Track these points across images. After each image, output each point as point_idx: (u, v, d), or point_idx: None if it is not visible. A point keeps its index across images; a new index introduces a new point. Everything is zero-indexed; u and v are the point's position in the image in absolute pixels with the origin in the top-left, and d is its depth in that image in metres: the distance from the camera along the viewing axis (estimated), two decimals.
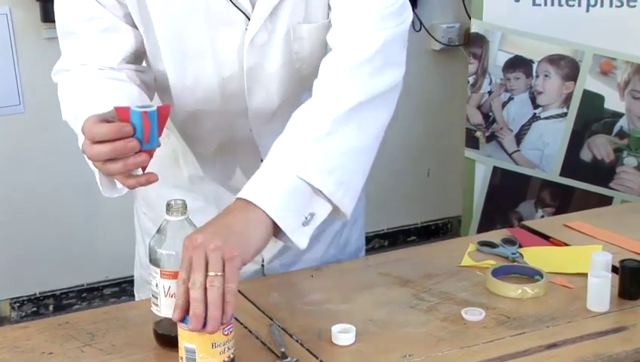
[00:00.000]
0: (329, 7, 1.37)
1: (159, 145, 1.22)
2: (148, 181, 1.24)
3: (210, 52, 1.37)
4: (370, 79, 1.29)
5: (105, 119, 1.21)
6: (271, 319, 1.35)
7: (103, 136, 1.19)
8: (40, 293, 3.24)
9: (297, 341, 1.29)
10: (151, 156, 1.22)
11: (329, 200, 1.25)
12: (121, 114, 1.20)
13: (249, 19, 1.34)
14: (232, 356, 1.18)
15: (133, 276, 1.80)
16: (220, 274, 1.12)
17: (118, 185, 1.30)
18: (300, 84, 1.43)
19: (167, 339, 1.26)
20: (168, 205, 1.22)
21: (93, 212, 3.20)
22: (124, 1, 1.36)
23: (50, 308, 3.26)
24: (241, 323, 1.35)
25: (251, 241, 1.17)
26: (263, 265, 1.62)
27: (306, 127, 1.25)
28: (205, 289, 1.11)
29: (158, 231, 1.24)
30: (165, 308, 1.23)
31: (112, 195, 1.33)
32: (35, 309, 3.24)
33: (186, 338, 1.15)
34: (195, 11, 1.34)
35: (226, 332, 1.16)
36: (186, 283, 1.12)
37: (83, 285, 3.29)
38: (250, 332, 1.32)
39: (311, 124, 1.25)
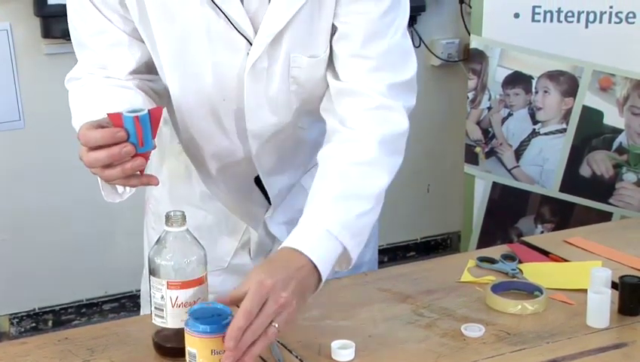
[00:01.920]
0: (328, 44, 1.38)
1: (155, 147, 1.24)
2: (149, 182, 1.28)
3: (210, 75, 1.39)
4: (395, 157, 1.39)
5: (99, 125, 1.23)
6: None
7: (96, 141, 1.21)
8: (39, 309, 3.23)
9: (297, 356, 1.29)
10: (147, 159, 1.24)
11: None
12: (114, 119, 1.21)
13: (251, 44, 1.36)
14: None
15: (132, 291, 1.80)
16: (276, 326, 1.19)
17: (119, 189, 1.32)
18: (297, 107, 1.45)
19: (168, 350, 1.27)
20: (167, 216, 1.24)
21: (92, 228, 3.20)
22: (129, 17, 1.38)
23: (50, 323, 3.25)
24: None
25: (307, 294, 1.26)
26: None
27: (354, 199, 1.33)
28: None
29: (158, 241, 1.26)
30: (172, 319, 1.24)
31: (115, 200, 1.35)
32: (34, 325, 3.23)
33: (189, 343, 1.19)
34: (198, 35, 1.35)
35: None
36: (250, 316, 1.16)
37: (82, 301, 3.28)
38: None
39: (358, 197, 1.33)
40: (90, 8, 1.38)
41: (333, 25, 1.38)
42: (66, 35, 2.85)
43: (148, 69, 1.44)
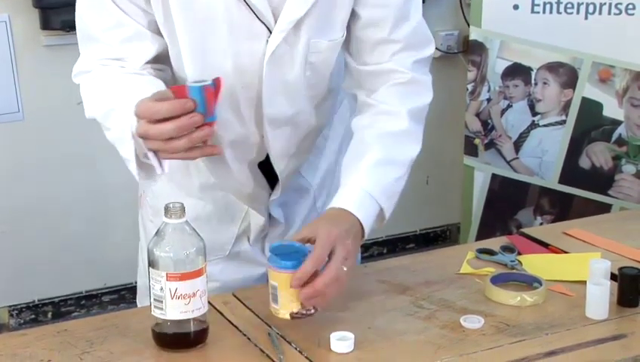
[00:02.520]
0: (345, 26, 1.44)
1: (216, 119, 1.27)
2: (212, 152, 1.32)
3: (231, 63, 1.40)
4: (420, 126, 1.52)
5: (162, 98, 1.24)
6: (270, 326, 1.35)
7: (166, 113, 1.23)
8: (39, 301, 3.23)
9: (296, 348, 1.29)
10: (213, 129, 1.26)
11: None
12: (177, 92, 1.23)
13: (271, 32, 1.38)
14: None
15: (131, 283, 1.81)
16: (345, 269, 1.30)
17: (158, 170, 1.33)
18: (308, 92, 1.49)
19: (167, 339, 1.27)
20: (167, 208, 1.24)
21: (91, 219, 3.20)
22: (150, 10, 1.39)
23: (49, 315, 3.25)
24: (240, 331, 1.35)
25: (358, 246, 1.38)
26: None
27: (390, 165, 1.45)
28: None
29: (157, 233, 1.26)
30: (171, 311, 1.25)
31: (152, 182, 1.40)
32: (33, 317, 3.23)
33: (272, 278, 1.31)
34: (219, 23, 1.37)
35: None
36: (318, 262, 1.28)
37: (82, 292, 3.29)
38: (249, 339, 1.32)
39: (394, 163, 1.46)
40: (107, 3, 1.39)
41: (353, 10, 1.43)
42: (65, 27, 2.88)
43: (158, 61, 1.45)
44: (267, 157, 1.55)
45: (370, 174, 1.42)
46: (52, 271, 3.20)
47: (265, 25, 1.38)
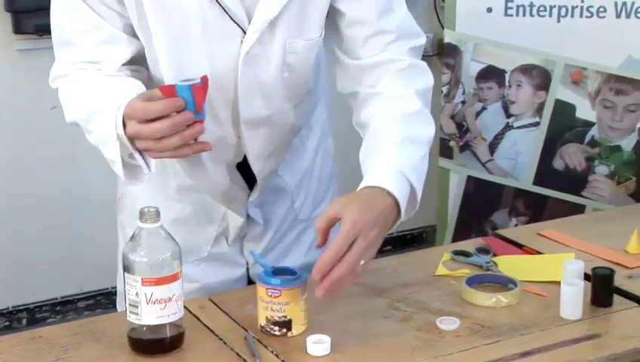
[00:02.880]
0: (323, 26, 1.44)
1: (205, 116, 1.28)
2: (202, 149, 1.33)
3: (206, 63, 1.40)
4: (429, 108, 1.49)
5: (150, 98, 1.26)
6: (245, 330, 1.35)
7: (158, 112, 1.25)
8: (13, 307, 3.20)
9: (272, 352, 1.29)
10: (203, 126, 1.28)
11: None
12: (166, 91, 1.25)
13: (245, 32, 1.38)
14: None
15: (107, 289, 1.80)
16: (362, 263, 1.28)
17: (145, 170, 1.35)
18: (286, 93, 1.49)
19: (143, 345, 1.26)
20: (142, 212, 1.24)
21: (66, 225, 3.18)
22: (125, 13, 1.39)
23: (24, 322, 3.23)
24: (217, 335, 1.34)
25: (386, 231, 1.33)
26: (247, 268, 1.65)
27: (416, 144, 1.41)
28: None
29: (132, 238, 1.25)
30: (147, 316, 1.24)
31: (135, 185, 1.39)
32: (7, 323, 3.20)
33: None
34: (193, 24, 1.38)
35: (269, 294, 1.30)
36: (339, 253, 1.25)
37: (57, 298, 3.26)
38: (226, 344, 1.32)
39: (419, 142, 1.42)
40: (81, 7, 1.39)
41: (331, 6, 1.43)
42: (38, 31, 2.86)
43: (136, 61, 1.45)
44: (245, 159, 1.55)
45: (399, 152, 1.37)
46: (26, 277, 3.17)
47: (238, 25, 1.38)
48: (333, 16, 1.46)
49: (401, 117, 1.42)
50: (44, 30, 2.83)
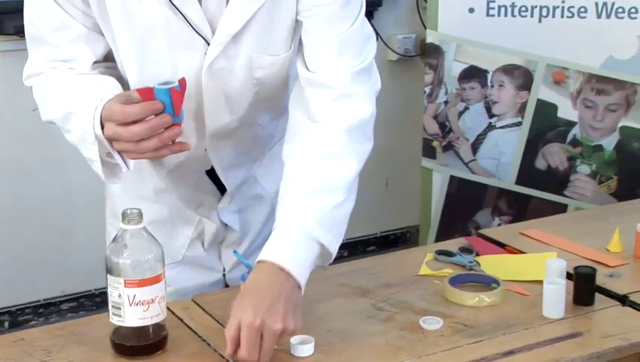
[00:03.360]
0: (291, 42, 1.42)
1: (183, 119, 1.29)
2: (181, 149, 1.33)
3: (169, 72, 1.40)
4: (364, 143, 1.41)
5: (128, 101, 1.26)
6: None
7: (136, 115, 1.25)
8: None
9: None
10: (181, 128, 1.29)
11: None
12: (143, 94, 1.26)
13: (209, 44, 1.38)
14: None
15: (91, 291, 1.79)
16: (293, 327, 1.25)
17: (123, 168, 1.35)
18: (257, 106, 1.48)
19: (126, 347, 1.26)
20: (124, 214, 1.24)
21: (48, 226, 3.16)
22: (91, 13, 1.39)
23: (6, 324, 3.20)
24: (200, 337, 1.34)
25: (298, 301, 1.28)
26: (224, 275, 1.64)
27: (325, 193, 1.34)
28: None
29: (114, 240, 1.25)
30: (130, 317, 1.24)
31: (116, 181, 1.40)
32: None
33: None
34: (158, 34, 1.38)
35: None
36: (254, 355, 1.21)
37: (39, 300, 3.24)
38: (209, 345, 1.32)
39: (329, 190, 1.34)
40: (51, 5, 1.38)
41: (297, 21, 1.41)
42: (18, 32, 2.84)
43: (109, 58, 1.45)
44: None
45: (301, 208, 1.31)
46: (8, 279, 3.15)
47: (202, 37, 1.38)
48: (298, 30, 1.44)
49: (315, 159, 1.35)
50: None
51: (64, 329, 1.37)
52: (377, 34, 3.49)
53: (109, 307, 1.26)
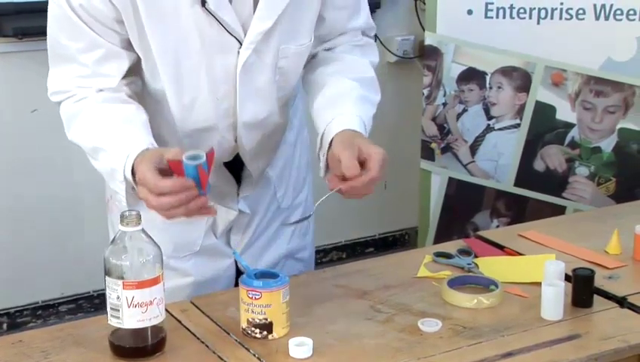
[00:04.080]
0: (312, 31, 1.52)
1: (210, 192, 1.34)
2: (207, 214, 1.38)
3: (204, 75, 1.46)
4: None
5: (161, 170, 1.31)
6: (227, 333, 1.35)
7: (167, 190, 1.30)
8: None
9: (254, 355, 1.29)
10: (206, 199, 1.33)
11: None
12: (174, 167, 1.30)
13: (241, 44, 1.44)
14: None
15: (89, 292, 1.80)
16: None
17: None
18: (278, 95, 1.55)
19: (124, 348, 1.26)
20: (122, 216, 1.24)
21: (46, 228, 3.16)
22: (122, 30, 1.42)
23: (4, 326, 3.20)
24: (199, 338, 1.34)
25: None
26: (235, 261, 1.70)
27: (369, 103, 1.56)
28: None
29: (113, 241, 1.25)
30: (128, 319, 1.24)
31: (135, 206, 1.40)
32: None
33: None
34: (191, 39, 1.43)
35: (250, 296, 1.30)
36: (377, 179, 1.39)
37: (38, 302, 3.24)
38: (208, 347, 1.32)
39: (371, 102, 1.57)
40: (79, 25, 1.42)
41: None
42: (17, 34, 2.84)
43: (131, 72, 1.49)
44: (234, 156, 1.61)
45: (359, 106, 1.50)
46: (7, 281, 3.15)
47: (235, 38, 1.43)
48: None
49: (359, 78, 1.56)
50: (25, 33, 2.81)
51: (62, 330, 1.37)
52: (376, 36, 3.49)
53: (108, 309, 1.26)
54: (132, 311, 1.24)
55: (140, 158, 1.34)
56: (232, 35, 1.43)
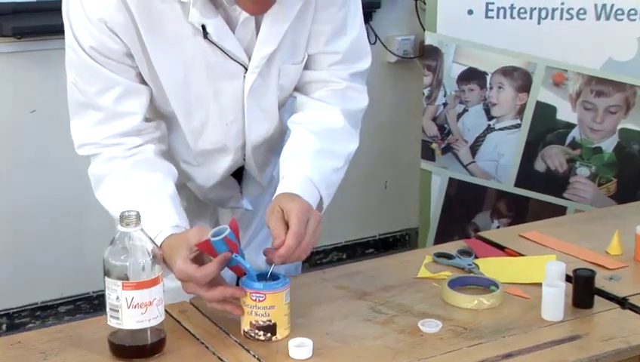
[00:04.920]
0: (306, 48, 1.53)
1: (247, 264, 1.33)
2: (232, 311, 1.34)
3: (213, 101, 1.50)
4: (357, 130, 1.60)
5: (194, 257, 1.30)
6: (227, 334, 1.34)
7: (215, 274, 1.30)
8: None
9: (254, 356, 1.29)
10: (243, 290, 1.32)
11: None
12: (203, 248, 1.29)
13: (246, 69, 1.46)
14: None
15: (88, 293, 1.80)
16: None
17: None
18: (279, 109, 1.58)
19: (124, 349, 1.26)
20: (122, 216, 1.23)
21: (45, 230, 3.16)
22: (133, 64, 1.44)
23: (3, 327, 3.20)
24: (198, 339, 1.34)
25: None
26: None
27: (329, 156, 1.51)
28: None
29: (112, 242, 1.25)
30: (128, 320, 1.24)
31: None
32: None
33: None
34: (197, 67, 1.45)
35: (253, 298, 1.30)
36: (300, 237, 1.33)
37: (37, 303, 3.24)
38: (207, 348, 1.31)
39: (333, 155, 1.52)
40: (94, 67, 1.42)
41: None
42: (16, 34, 2.84)
43: (153, 111, 1.51)
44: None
45: (310, 163, 1.47)
46: (6, 281, 3.14)
47: (240, 64, 1.46)
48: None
49: (322, 130, 1.52)
50: (23, 33, 2.81)
51: (62, 332, 1.36)
52: (376, 35, 3.49)
53: (107, 309, 1.26)
54: (131, 311, 1.23)
55: (169, 250, 1.32)
56: (236, 61, 1.46)
